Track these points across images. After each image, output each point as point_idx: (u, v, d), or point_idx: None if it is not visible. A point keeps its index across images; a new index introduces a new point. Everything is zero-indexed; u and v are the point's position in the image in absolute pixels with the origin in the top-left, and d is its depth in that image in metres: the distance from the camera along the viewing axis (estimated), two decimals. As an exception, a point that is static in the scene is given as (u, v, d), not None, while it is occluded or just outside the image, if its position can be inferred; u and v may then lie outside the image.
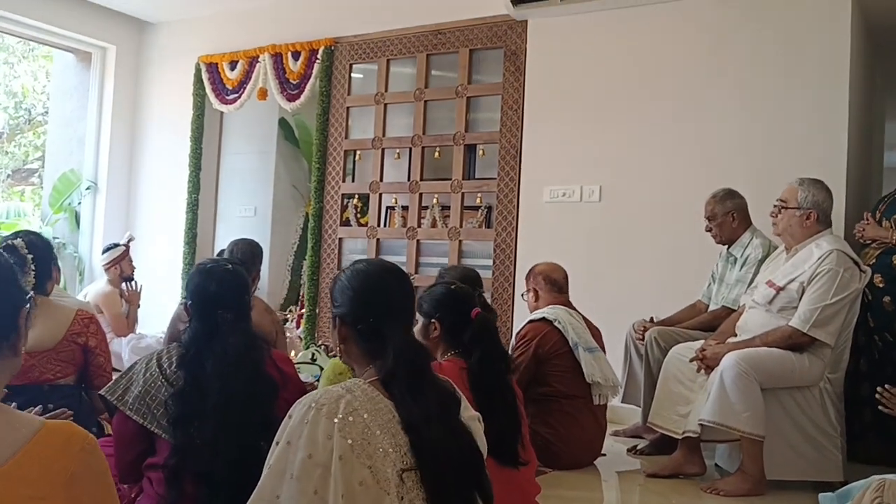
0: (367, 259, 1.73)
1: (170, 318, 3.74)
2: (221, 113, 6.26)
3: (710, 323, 3.65)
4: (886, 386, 2.57)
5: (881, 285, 3.59)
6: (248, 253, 3.89)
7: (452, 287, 2.40)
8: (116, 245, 5.37)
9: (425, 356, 1.59)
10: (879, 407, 2.59)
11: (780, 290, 3.13)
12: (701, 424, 3.04)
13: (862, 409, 3.60)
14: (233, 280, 2.18)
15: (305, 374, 4.37)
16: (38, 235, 2.85)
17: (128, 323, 5.38)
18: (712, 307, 3.82)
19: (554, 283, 3.27)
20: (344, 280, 1.67)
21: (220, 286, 2.13)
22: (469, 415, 1.63)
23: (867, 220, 3.78)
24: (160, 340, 5.24)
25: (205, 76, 6.14)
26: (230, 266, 2.22)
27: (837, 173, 3.96)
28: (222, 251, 4.30)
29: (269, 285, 6.44)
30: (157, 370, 2.06)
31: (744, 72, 4.24)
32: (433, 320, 2.35)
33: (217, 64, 6.09)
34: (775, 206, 3.33)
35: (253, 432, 1.95)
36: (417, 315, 2.37)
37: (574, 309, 3.27)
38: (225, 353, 2.02)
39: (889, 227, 3.68)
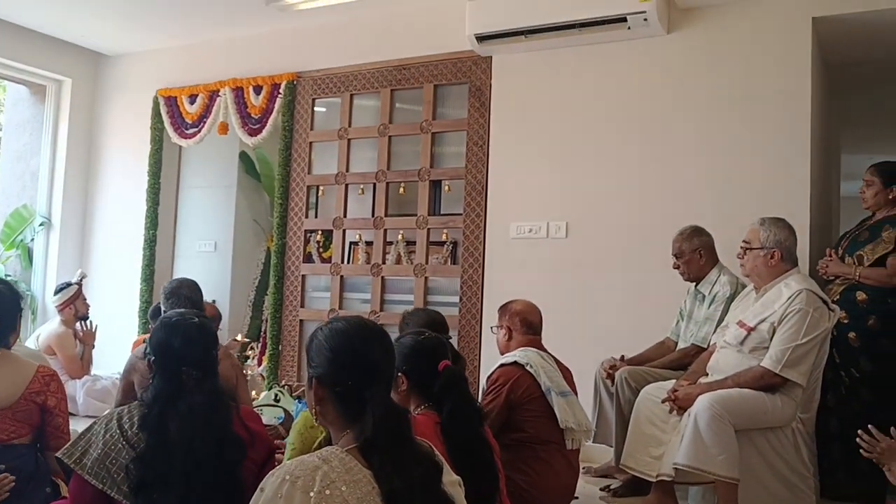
0: (347, 317, 1.66)
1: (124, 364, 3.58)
2: (180, 147, 6.15)
3: (680, 361, 3.65)
4: (870, 427, 2.54)
5: (846, 321, 3.62)
6: (197, 291, 3.73)
7: (421, 338, 2.32)
8: (69, 284, 5.22)
9: (407, 422, 1.52)
10: (860, 451, 2.56)
11: (751, 330, 3.13)
12: (675, 468, 3.01)
13: (831, 446, 3.61)
14: (199, 334, 2.09)
15: (268, 417, 4.26)
16: (7, 285, 2.71)
17: (82, 364, 5.22)
18: (681, 344, 3.82)
19: (530, 326, 3.22)
20: (321, 339, 1.60)
21: (185, 341, 2.04)
22: (450, 480, 1.57)
23: (830, 256, 3.83)
24: (116, 382, 5.08)
25: (163, 110, 6.03)
26: (197, 319, 2.12)
27: (801, 209, 4.01)
28: (171, 290, 3.98)
29: (229, 322, 6.31)
30: (118, 431, 1.95)
31: (708, 108, 4.28)
32: (400, 374, 2.25)
33: (176, 97, 5.98)
34: (741, 247, 3.35)
35: (219, 498, 1.86)
36: None
37: (545, 350, 3.23)
38: (191, 412, 1.93)
39: (852, 264, 3.73)
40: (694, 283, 3.82)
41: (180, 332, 2.04)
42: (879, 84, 5.47)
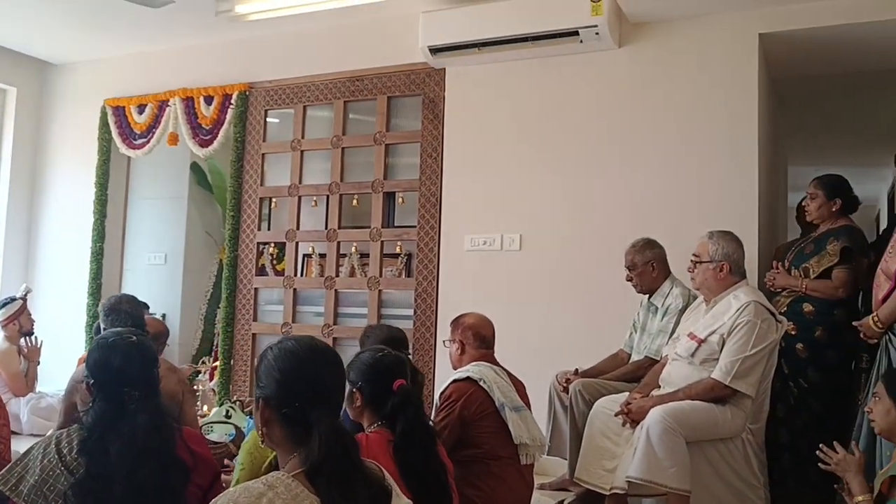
0: (297, 337, 1.63)
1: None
2: (129, 157, 6.03)
3: (634, 373, 3.67)
4: (834, 443, 2.61)
5: (793, 333, 3.67)
6: (138, 307, 3.62)
7: (379, 355, 2.32)
8: (13, 299, 5.07)
9: (355, 446, 1.49)
10: (820, 464, 2.62)
11: (701, 342, 3.16)
12: (628, 480, 3.02)
13: (780, 456, 3.66)
14: (139, 353, 2.03)
15: (219, 434, 4.17)
16: None
17: (27, 382, 5.07)
18: (635, 356, 3.84)
19: (483, 340, 3.21)
20: (270, 359, 1.56)
21: (125, 361, 1.98)
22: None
23: (777, 268, 3.90)
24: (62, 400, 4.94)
25: (111, 120, 5.90)
26: (135, 338, 2.07)
27: (750, 221, 4.08)
28: (110, 307, 3.69)
29: (180, 335, 6.20)
30: (56, 456, 1.89)
31: (659, 121, 4.33)
32: (355, 389, 2.26)
33: (124, 107, 5.86)
34: (691, 260, 3.39)
35: (162, 525, 1.81)
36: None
37: (498, 364, 3.21)
38: (133, 435, 1.87)
39: (798, 276, 3.79)
40: (647, 296, 3.85)
41: (119, 351, 1.98)
42: (824, 98, 5.61)
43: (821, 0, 4.03)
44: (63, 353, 5.46)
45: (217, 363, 5.54)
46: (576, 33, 4.29)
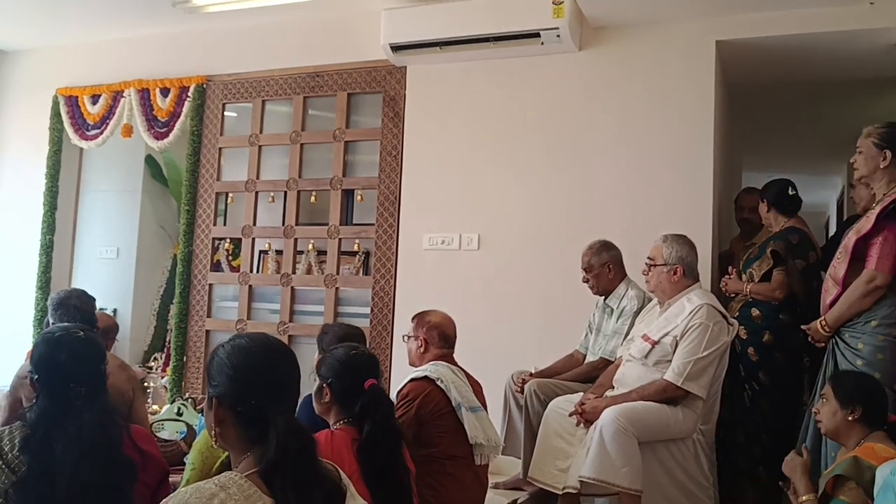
0: (250, 334, 1.59)
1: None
2: (81, 149, 5.90)
3: (589, 374, 3.69)
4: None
5: (745, 337, 3.72)
6: (87, 302, 3.52)
7: (353, 352, 2.33)
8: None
9: (312, 445, 1.46)
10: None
11: (654, 344, 3.20)
12: (581, 480, 3.04)
13: (736, 456, 3.71)
14: (86, 349, 1.98)
15: (170, 432, 4.10)
16: None
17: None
18: (590, 357, 3.87)
19: (446, 340, 3.20)
20: (223, 356, 1.52)
21: (71, 357, 1.93)
22: (355, 505, 1.52)
23: (730, 273, 3.95)
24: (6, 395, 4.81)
25: (63, 110, 5.76)
26: (82, 333, 2.01)
27: (704, 225, 4.14)
28: (59, 301, 3.55)
29: (132, 331, 6.08)
30: (-3, 454, 1.83)
31: (617, 125, 4.37)
32: (325, 385, 2.28)
33: (77, 97, 5.73)
34: (646, 263, 3.43)
35: (108, 525, 1.76)
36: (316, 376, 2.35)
37: (457, 365, 3.21)
38: (79, 433, 1.82)
39: (746, 281, 3.85)
40: (603, 297, 3.89)
41: (65, 347, 1.93)
42: (778, 105, 5.72)
43: (777, 10, 4.10)
44: (10, 348, 5.33)
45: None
46: (537, 35, 4.31)
